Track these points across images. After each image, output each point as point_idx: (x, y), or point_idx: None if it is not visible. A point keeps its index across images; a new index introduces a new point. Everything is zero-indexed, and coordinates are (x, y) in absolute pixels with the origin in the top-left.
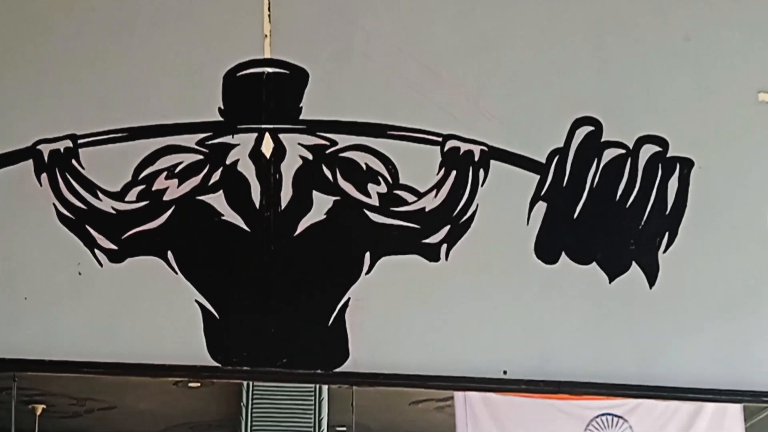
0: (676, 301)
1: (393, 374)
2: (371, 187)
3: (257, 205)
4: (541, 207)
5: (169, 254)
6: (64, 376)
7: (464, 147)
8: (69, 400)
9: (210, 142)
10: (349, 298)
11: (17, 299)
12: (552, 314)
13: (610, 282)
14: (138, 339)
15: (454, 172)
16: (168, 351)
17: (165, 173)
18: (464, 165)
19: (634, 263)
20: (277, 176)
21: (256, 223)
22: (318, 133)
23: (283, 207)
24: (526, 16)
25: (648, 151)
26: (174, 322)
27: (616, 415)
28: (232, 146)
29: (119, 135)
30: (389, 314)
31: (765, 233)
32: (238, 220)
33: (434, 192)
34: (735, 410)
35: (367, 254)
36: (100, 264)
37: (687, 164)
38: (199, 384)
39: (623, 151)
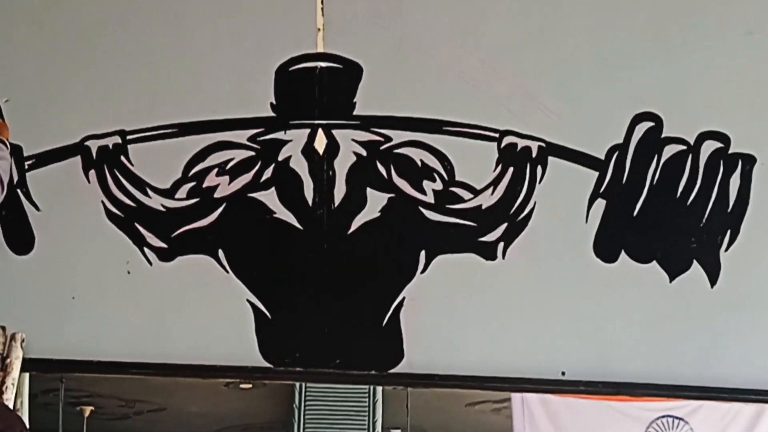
0: (738, 300)
1: (449, 375)
2: (426, 184)
3: (310, 202)
4: (600, 204)
5: (220, 252)
6: (112, 377)
7: (522, 143)
8: (118, 402)
9: (262, 138)
10: (404, 298)
11: (65, 299)
12: (611, 314)
13: (670, 281)
14: (188, 339)
15: (511, 169)
16: (219, 351)
17: (216, 170)
18: (522, 161)
19: (695, 262)
20: (331, 173)
21: (308, 221)
22: (372, 129)
23: (336, 204)
24: (584, 8)
25: (709, 147)
26: (225, 322)
27: (677, 417)
28: (285, 142)
29: (169, 131)
30: (445, 314)
31: None
32: (290, 218)
33: (491, 189)
34: None
35: (423, 252)
36: (150, 263)
37: (749, 161)
38: (250, 385)
39: (684, 148)
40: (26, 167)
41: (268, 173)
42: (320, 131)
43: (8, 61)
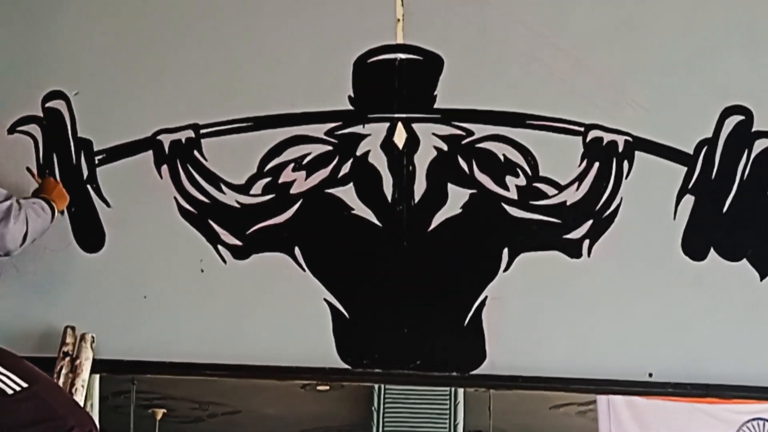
0: None
1: (532, 377)
2: (510, 180)
3: (389, 198)
4: (689, 200)
5: (297, 250)
6: (185, 379)
7: (607, 137)
8: (190, 405)
9: (339, 132)
10: (486, 297)
11: (136, 298)
12: (700, 313)
13: (761, 279)
14: (263, 340)
15: (596, 164)
16: (295, 352)
17: (292, 165)
18: (608, 156)
19: None
20: (411, 168)
21: (388, 218)
22: (453, 123)
23: (416, 200)
24: None
25: None
26: (301, 322)
27: None
28: (363, 136)
29: (244, 124)
30: (528, 313)
31: None
32: (369, 215)
33: (576, 185)
34: None
35: (505, 250)
36: (224, 261)
37: None
38: (328, 387)
39: None
40: (96, 162)
41: (346, 168)
42: (400, 125)
43: (79, 53)
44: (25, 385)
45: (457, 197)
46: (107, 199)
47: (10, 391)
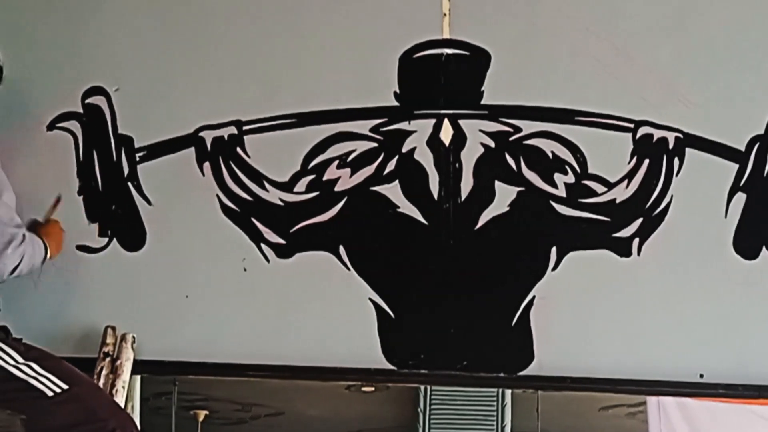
0: None
1: (581, 378)
2: (558, 177)
3: (435, 196)
4: (740, 198)
5: (341, 249)
6: (228, 380)
7: (658, 134)
8: (233, 406)
9: (385, 128)
10: (534, 296)
11: (178, 297)
12: (752, 313)
13: None
14: (307, 340)
15: (646, 161)
16: (340, 353)
17: (337, 162)
18: (658, 153)
19: None
20: (457, 165)
21: (434, 216)
22: (501, 119)
23: (463, 198)
24: None
25: None
26: (346, 322)
27: None
28: (409, 133)
29: (287, 121)
30: (577, 313)
31: None
32: (414, 213)
33: (625, 182)
34: None
35: (554, 249)
36: (267, 259)
37: None
38: (373, 388)
39: None
40: (137, 159)
41: (391, 165)
42: (446, 121)
43: (119, 48)
44: (65, 386)
45: (504, 195)
46: (148, 196)
47: (50, 393)
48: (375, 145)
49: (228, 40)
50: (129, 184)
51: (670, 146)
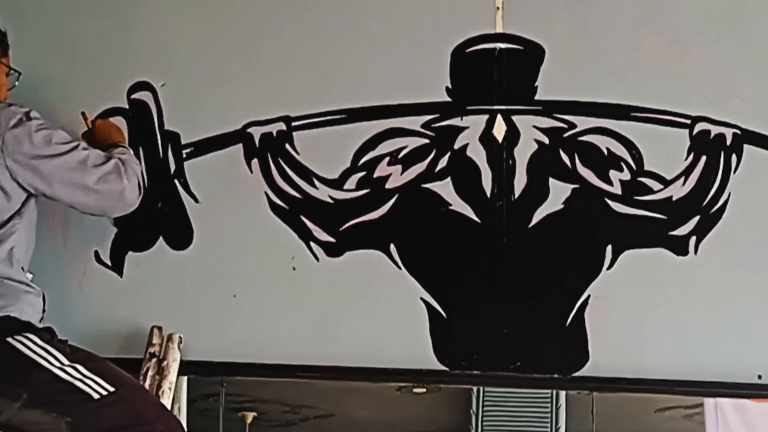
0: None
1: (637, 379)
2: (613, 174)
3: (488, 193)
4: None
5: (392, 247)
6: (276, 381)
7: (715, 130)
8: (282, 408)
9: (437, 124)
10: (589, 296)
11: (225, 297)
12: None
13: None
14: (358, 340)
15: (703, 158)
16: (390, 353)
17: (387, 159)
18: (715, 150)
19: None
20: (510, 162)
21: (487, 214)
22: (555, 115)
23: (516, 196)
24: None
25: None
26: (397, 322)
27: None
28: (461, 129)
29: (337, 117)
30: (633, 313)
31: None
32: (467, 210)
33: (682, 179)
34: None
35: (609, 247)
36: (317, 258)
37: None
38: (424, 389)
39: None
40: (184, 156)
41: (443, 162)
42: (499, 117)
43: (166, 43)
44: (111, 389)
45: (558, 192)
46: (195, 194)
47: (96, 396)
48: (427, 141)
49: (277, 33)
50: (176, 181)
51: (728, 142)
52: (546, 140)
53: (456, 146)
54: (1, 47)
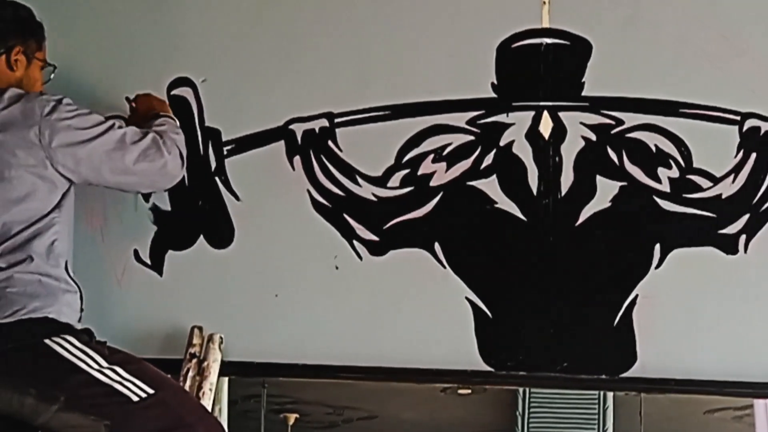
0: None
1: (686, 380)
2: (662, 172)
3: (534, 191)
4: None
5: (437, 246)
6: (319, 382)
7: (765, 126)
8: (325, 409)
9: (482, 121)
10: (636, 295)
11: (267, 296)
12: None
13: None
14: (401, 340)
15: (753, 155)
16: (435, 354)
17: (432, 156)
18: (765, 147)
19: None
20: (557, 159)
21: (533, 212)
22: (602, 112)
23: (563, 193)
24: None
25: None
26: (442, 322)
27: None
28: (507, 126)
29: (381, 113)
30: (681, 313)
31: None
32: (513, 208)
33: (732, 177)
34: None
35: (657, 246)
36: (360, 257)
37: None
38: (469, 391)
39: None
40: (225, 153)
41: (488, 159)
42: (546, 114)
43: (206, 38)
44: (150, 391)
45: (606, 190)
46: (236, 192)
47: (135, 398)
48: (472, 138)
49: (320, 28)
50: (216, 178)
51: None
52: (593, 137)
53: (502, 143)
54: (36, 41)
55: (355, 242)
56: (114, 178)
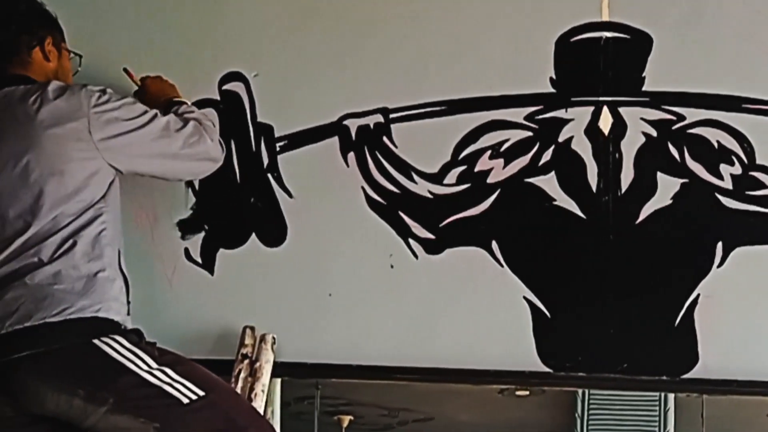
0: None
1: (749, 381)
2: (724, 168)
3: (594, 188)
4: None
5: (494, 244)
6: (374, 384)
7: None
8: (379, 411)
9: (540, 116)
10: (698, 295)
11: (321, 296)
12: None
13: None
14: (458, 341)
15: None
16: (492, 354)
17: (489, 152)
18: None
19: None
20: (617, 156)
21: (592, 209)
22: (663, 107)
23: (623, 190)
24: None
25: None
26: (499, 322)
27: None
28: (566, 121)
29: (437, 108)
30: (745, 312)
31: None
32: (572, 206)
33: None
34: None
35: (719, 244)
36: (415, 255)
37: None
38: (527, 392)
39: None
40: (278, 149)
41: (547, 156)
42: (605, 109)
43: (259, 31)
44: (201, 393)
45: (667, 187)
46: (289, 189)
47: (185, 401)
48: (530, 134)
49: (374, 21)
50: (269, 175)
51: None
52: (654, 133)
53: (560, 139)
54: (60, 32)
55: (410, 240)
56: (161, 166)
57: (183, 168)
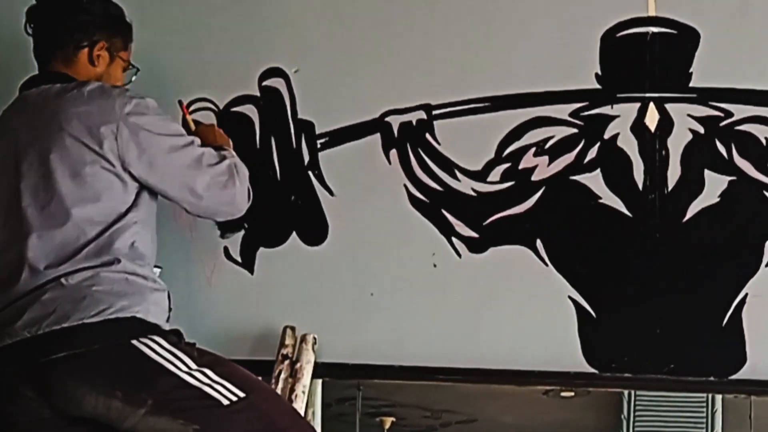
0: None
1: None
2: None
3: (640, 186)
4: None
5: (538, 243)
6: (416, 385)
7: None
8: (422, 412)
9: (586, 113)
10: (746, 294)
11: (362, 295)
12: None
13: None
14: (502, 341)
15: None
16: (536, 355)
17: (533, 149)
18: None
19: None
20: (664, 153)
21: (638, 207)
22: (711, 103)
23: (670, 188)
24: None
25: None
26: (543, 322)
27: None
28: (611, 118)
29: (480, 105)
30: None
31: None
32: (618, 204)
33: None
34: None
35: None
36: (459, 254)
37: None
38: (572, 393)
39: None
40: (319, 146)
41: (592, 153)
42: (652, 105)
43: (299, 26)
44: (241, 394)
45: (714, 185)
46: (330, 186)
47: (225, 402)
48: (575, 130)
49: (417, 16)
50: (309, 173)
51: None
52: (701, 130)
53: (606, 136)
54: (122, 40)
55: (453, 239)
56: (180, 195)
57: (201, 205)
